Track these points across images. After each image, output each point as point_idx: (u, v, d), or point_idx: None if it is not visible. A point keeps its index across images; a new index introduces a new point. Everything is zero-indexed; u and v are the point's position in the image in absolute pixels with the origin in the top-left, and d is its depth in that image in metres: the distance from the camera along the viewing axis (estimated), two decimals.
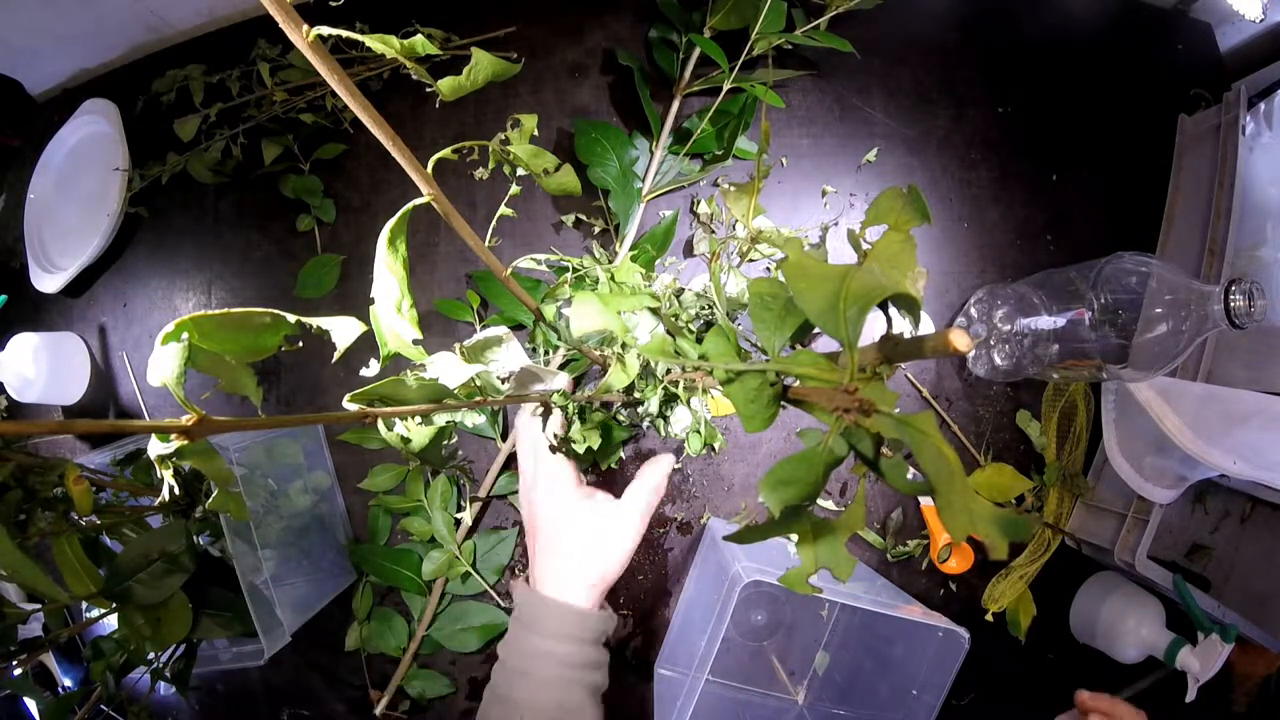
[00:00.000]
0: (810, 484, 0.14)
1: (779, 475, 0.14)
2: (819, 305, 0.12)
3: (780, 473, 0.14)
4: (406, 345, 0.19)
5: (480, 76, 0.16)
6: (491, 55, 0.16)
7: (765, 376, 0.16)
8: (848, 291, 0.12)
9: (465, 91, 0.16)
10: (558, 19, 0.74)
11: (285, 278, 0.74)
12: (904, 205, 0.15)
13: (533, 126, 0.21)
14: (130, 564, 0.48)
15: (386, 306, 0.19)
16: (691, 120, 0.69)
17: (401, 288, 0.19)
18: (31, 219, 0.81)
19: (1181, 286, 0.52)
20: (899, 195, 0.15)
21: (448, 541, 0.67)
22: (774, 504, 0.14)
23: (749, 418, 0.16)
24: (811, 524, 0.16)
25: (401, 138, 0.18)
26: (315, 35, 0.13)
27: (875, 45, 0.71)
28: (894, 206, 0.15)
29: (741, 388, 0.16)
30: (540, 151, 0.21)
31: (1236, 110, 0.66)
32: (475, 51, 0.16)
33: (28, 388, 0.72)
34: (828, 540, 0.16)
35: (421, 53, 0.15)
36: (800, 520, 0.15)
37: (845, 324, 0.12)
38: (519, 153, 0.21)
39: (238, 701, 0.73)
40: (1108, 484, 0.68)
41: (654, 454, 0.71)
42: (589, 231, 0.71)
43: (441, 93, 0.16)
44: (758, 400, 0.16)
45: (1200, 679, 0.60)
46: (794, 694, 0.70)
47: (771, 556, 0.66)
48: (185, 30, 0.81)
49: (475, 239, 0.21)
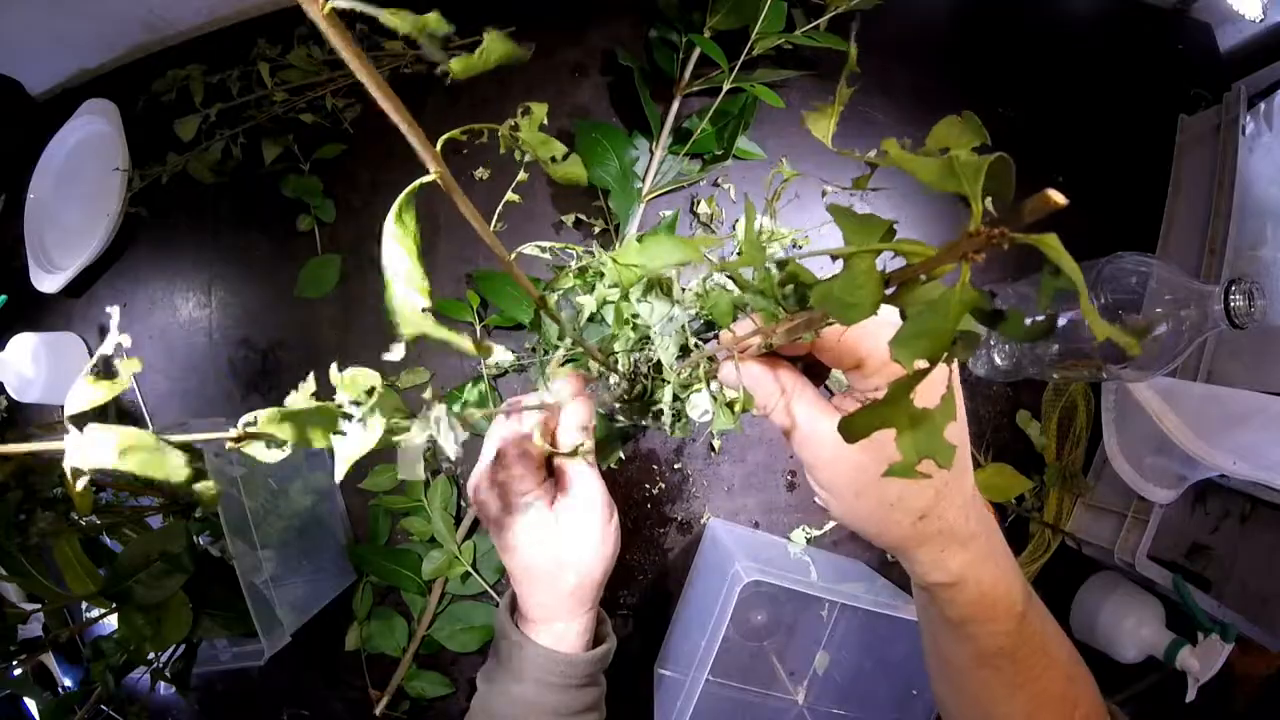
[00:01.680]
0: (944, 335, 0.14)
1: (913, 329, 0.15)
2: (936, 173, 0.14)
3: (914, 326, 0.15)
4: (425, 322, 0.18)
5: (492, 58, 0.16)
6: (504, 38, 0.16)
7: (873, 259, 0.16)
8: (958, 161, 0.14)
9: (476, 71, 0.16)
10: (558, 19, 0.74)
11: (285, 278, 0.74)
12: (961, 129, 0.17)
13: (542, 114, 0.21)
14: (130, 564, 0.48)
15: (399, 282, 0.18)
16: (691, 120, 0.69)
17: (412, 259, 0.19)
18: (31, 219, 0.81)
19: (1181, 286, 0.52)
20: (955, 121, 0.17)
21: (448, 541, 0.67)
22: (908, 359, 0.15)
23: (852, 306, 0.16)
24: (909, 413, 0.16)
25: (400, 139, 0.18)
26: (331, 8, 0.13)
27: (875, 45, 0.71)
28: (952, 131, 0.17)
29: (848, 277, 0.16)
30: (549, 139, 0.21)
31: (1236, 110, 0.66)
32: (488, 33, 0.16)
33: (28, 388, 0.72)
34: (927, 428, 0.16)
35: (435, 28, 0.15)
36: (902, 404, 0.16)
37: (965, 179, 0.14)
38: (528, 138, 0.21)
39: (238, 701, 0.73)
40: (1108, 484, 0.68)
41: (653, 452, 0.71)
42: (589, 231, 0.71)
43: (453, 72, 0.16)
44: (865, 285, 0.16)
45: (1200, 679, 0.60)
46: (794, 694, 0.70)
47: (771, 556, 0.66)
48: (185, 30, 0.81)
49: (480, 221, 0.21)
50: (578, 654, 0.39)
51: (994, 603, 0.30)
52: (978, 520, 0.30)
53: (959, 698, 0.36)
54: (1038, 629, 0.32)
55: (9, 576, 0.48)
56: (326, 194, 0.74)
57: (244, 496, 0.55)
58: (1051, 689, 0.33)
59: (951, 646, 0.33)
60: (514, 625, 0.39)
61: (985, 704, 0.33)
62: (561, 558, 0.37)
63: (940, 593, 0.30)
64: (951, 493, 0.28)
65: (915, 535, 0.29)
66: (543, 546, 0.37)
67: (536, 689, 0.38)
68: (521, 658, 0.38)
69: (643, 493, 0.71)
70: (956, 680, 0.35)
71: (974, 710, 0.34)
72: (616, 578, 0.70)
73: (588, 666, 0.39)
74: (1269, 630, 0.63)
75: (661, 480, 0.71)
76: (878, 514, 0.28)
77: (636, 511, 0.71)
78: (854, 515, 0.30)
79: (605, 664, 0.41)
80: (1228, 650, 0.59)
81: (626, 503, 0.71)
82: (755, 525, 0.71)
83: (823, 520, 0.71)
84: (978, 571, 0.29)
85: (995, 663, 0.32)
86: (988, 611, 0.30)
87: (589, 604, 0.40)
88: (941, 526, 0.28)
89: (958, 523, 0.29)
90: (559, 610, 0.39)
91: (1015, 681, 0.32)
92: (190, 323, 0.76)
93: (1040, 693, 0.32)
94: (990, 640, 0.31)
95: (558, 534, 0.37)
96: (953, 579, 0.29)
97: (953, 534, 0.29)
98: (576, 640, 0.39)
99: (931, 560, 0.29)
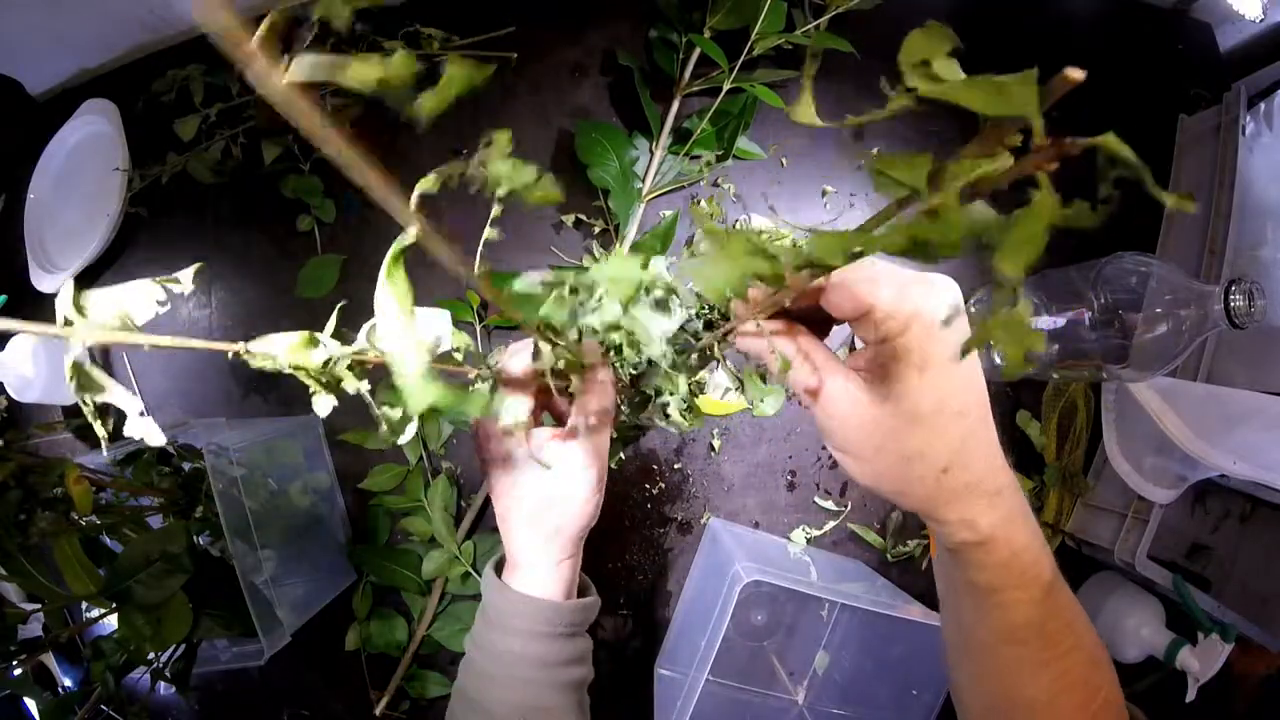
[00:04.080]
0: (1039, 239, 0.15)
1: (1018, 237, 0.15)
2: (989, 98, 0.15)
3: (1018, 234, 0.15)
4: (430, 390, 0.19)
5: (454, 89, 0.16)
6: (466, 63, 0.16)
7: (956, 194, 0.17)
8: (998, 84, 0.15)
9: (446, 103, 0.16)
10: (558, 19, 0.74)
11: (285, 278, 0.74)
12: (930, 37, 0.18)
13: (506, 141, 0.20)
14: (130, 564, 0.48)
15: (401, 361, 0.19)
16: (691, 120, 0.69)
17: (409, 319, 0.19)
18: (31, 219, 0.81)
19: (1181, 286, 0.52)
20: (920, 33, 0.18)
21: (448, 541, 0.67)
22: (1013, 269, 0.15)
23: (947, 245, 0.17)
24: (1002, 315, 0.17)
25: (399, 139, 0.18)
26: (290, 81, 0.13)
27: (875, 45, 0.71)
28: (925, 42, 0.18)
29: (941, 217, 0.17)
30: (517, 165, 0.21)
31: (1236, 110, 0.66)
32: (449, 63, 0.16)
33: (28, 388, 0.72)
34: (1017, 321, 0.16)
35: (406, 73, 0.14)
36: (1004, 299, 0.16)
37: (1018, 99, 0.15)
38: (498, 171, 0.21)
39: (238, 701, 0.73)
40: (1108, 484, 0.68)
41: (653, 452, 0.71)
42: (589, 231, 0.71)
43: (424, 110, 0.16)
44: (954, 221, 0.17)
45: (1200, 679, 0.60)
46: (794, 694, 0.70)
47: (771, 557, 0.66)
48: (185, 30, 0.81)
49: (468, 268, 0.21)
50: (560, 601, 0.40)
51: (1024, 568, 0.29)
52: (1005, 477, 0.29)
53: (980, 680, 0.34)
54: (1065, 603, 0.31)
55: (9, 576, 0.48)
56: (326, 194, 0.74)
57: (244, 496, 0.55)
58: (1076, 671, 0.32)
59: (976, 619, 0.32)
60: (498, 579, 0.41)
61: (1009, 685, 0.32)
62: (548, 498, 0.39)
63: (969, 555, 0.29)
64: (974, 445, 0.27)
65: (940, 492, 0.27)
66: (531, 488, 0.39)
67: (521, 640, 0.39)
68: (504, 610, 0.40)
69: (643, 493, 0.71)
70: (979, 659, 0.33)
71: (995, 692, 0.33)
72: (617, 577, 0.70)
73: (571, 614, 0.40)
74: (1269, 630, 0.63)
75: (661, 480, 0.71)
76: (899, 470, 0.28)
77: (636, 511, 0.71)
78: (875, 474, 0.29)
79: (590, 616, 0.42)
80: (1228, 650, 0.59)
81: (626, 503, 0.71)
82: (755, 525, 0.71)
83: (823, 520, 0.71)
84: (1008, 531, 0.28)
85: (1022, 636, 0.31)
86: (1017, 577, 0.29)
87: (569, 551, 0.41)
88: (968, 480, 0.27)
89: (984, 477, 0.28)
90: (540, 554, 0.40)
91: (1041, 659, 0.31)
92: (190, 323, 0.76)
93: (1065, 673, 0.31)
94: (1018, 610, 0.30)
95: (548, 478, 0.39)
96: (982, 538, 0.28)
97: (980, 489, 0.28)
98: (557, 588, 0.40)
99: (959, 519, 0.28)
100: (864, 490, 0.29)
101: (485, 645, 0.40)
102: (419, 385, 0.19)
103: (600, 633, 0.71)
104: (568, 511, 0.39)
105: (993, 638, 0.32)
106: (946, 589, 0.35)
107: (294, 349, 0.23)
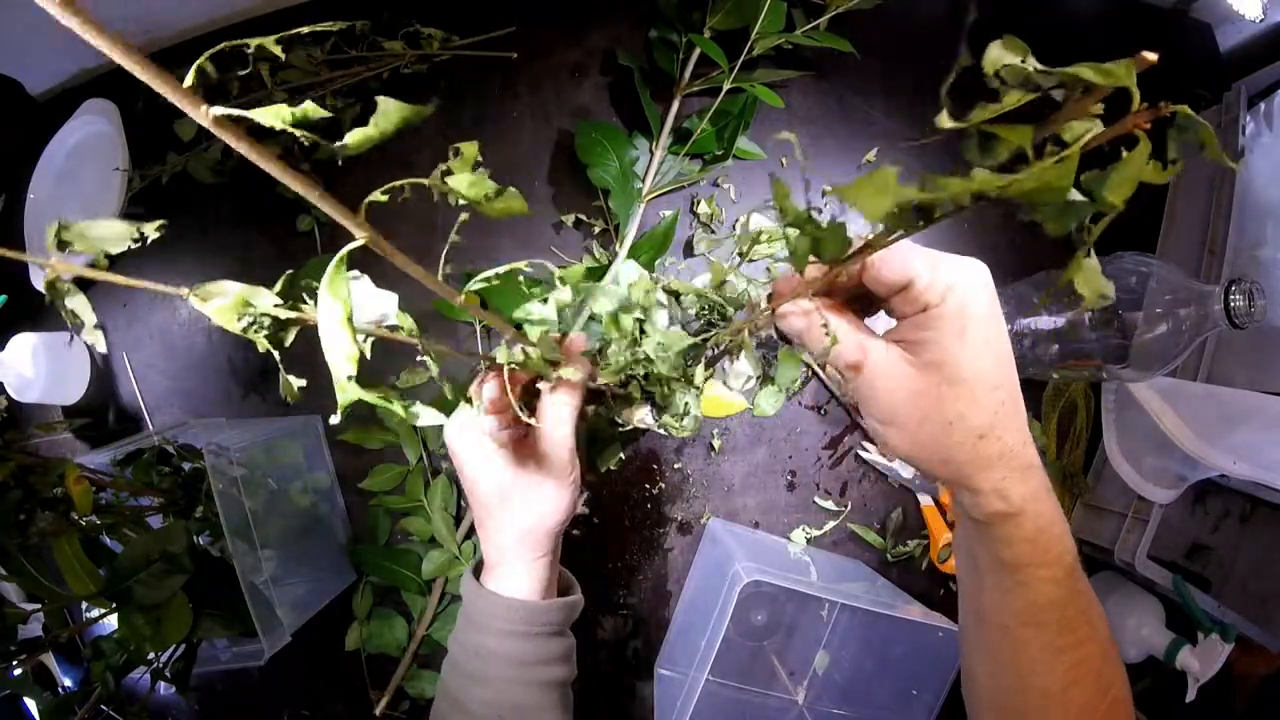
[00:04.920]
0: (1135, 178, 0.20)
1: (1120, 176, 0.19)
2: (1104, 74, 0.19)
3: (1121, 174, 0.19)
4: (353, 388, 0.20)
5: (388, 125, 0.16)
6: (399, 103, 0.16)
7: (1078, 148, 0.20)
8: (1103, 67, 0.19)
9: (371, 143, 0.16)
10: (558, 19, 0.74)
11: None
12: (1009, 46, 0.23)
13: (474, 154, 0.21)
14: (130, 564, 0.48)
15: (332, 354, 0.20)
16: (691, 120, 0.69)
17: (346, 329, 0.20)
18: (31, 219, 0.81)
19: (1181, 286, 0.52)
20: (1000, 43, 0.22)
21: (448, 541, 0.67)
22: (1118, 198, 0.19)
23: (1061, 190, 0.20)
24: None
25: (397, 140, 0.18)
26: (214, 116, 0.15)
27: (875, 45, 0.71)
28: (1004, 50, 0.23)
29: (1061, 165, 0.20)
30: (478, 179, 0.21)
31: (1236, 110, 0.66)
32: (380, 101, 0.16)
33: (28, 388, 0.72)
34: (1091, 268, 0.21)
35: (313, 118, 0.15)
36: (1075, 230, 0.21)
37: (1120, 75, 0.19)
38: (456, 185, 0.21)
39: (238, 701, 0.73)
40: (1108, 484, 0.68)
41: (653, 452, 0.71)
42: (589, 231, 0.71)
43: (349, 148, 0.16)
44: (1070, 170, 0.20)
45: (1200, 679, 0.60)
46: (794, 694, 0.70)
47: (771, 557, 0.66)
48: (184, 31, 0.81)
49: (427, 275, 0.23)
50: (536, 600, 0.41)
51: (1049, 544, 0.30)
52: (1034, 454, 0.30)
53: (994, 665, 0.35)
54: (1083, 589, 0.32)
55: (9, 576, 0.48)
56: None
57: (244, 496, 0.55)
58: (1090, 661, 0.32)
59: (998, 598, 0.32)
60: (474, 580, 0.41)
61: (1024, 670, 0.32)
62: (521, 496, 0.39)
63: (999, 529, 0.30)
64: (1008, 417, 0.28)
65: (977, 458, 0.28)
66: (504, 486, 0.40)
67: (497, 638, 0.40)
68: (480, 609, 0.40)
69: (643, 493, 0.71)
70: (995, 642, 0.34)
71: (1009, 678, 0.34)
72: (617, 577, 0.70)
73: (547, 614, 0.41)
74: (1269, 630, 0.63)
75: (661, 480, 0.71)
76: (940, 437, 0.28)
77: (636, 511, 0.71)
78: (916, 443, 0.29)
79: (571, 615, 0.43)
80: (1228, 650, 0.59)
81: (626, 503, 0.71)
82: (755, 525, 0.71)
83: (823, 520, 0.71)
84: (1037, 505, 0.29)
85: (1042, 617, 0.31)
86: (1043, 554, 0.30)
87: (543, 550, 0.41)
88: (1002, 449, 0.28)
89: (1017, 447, 0.29)
90: (514, 553, 0.40)
91: (1057, 644, 0.31)
92: (190, 323, 0.76)
93: (1080, 662, 0.32)
94: (1042, 590, 0.30)
95: (519, 476, 0.39)
96: (1014, 509, 0.29)
97: (1014, 458, 0.29)
98: (533, 587, 0.41)
99: (993, 487, 0.29)
100: (903, 457, 0.30)
101: (465, 643, 0.41)
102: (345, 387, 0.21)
103: (600, 633, 0.71)
104: (539, 511, 0.40)
105: (1013, 619, 0.32)
106: (968, 569, 0.35)
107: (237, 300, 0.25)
